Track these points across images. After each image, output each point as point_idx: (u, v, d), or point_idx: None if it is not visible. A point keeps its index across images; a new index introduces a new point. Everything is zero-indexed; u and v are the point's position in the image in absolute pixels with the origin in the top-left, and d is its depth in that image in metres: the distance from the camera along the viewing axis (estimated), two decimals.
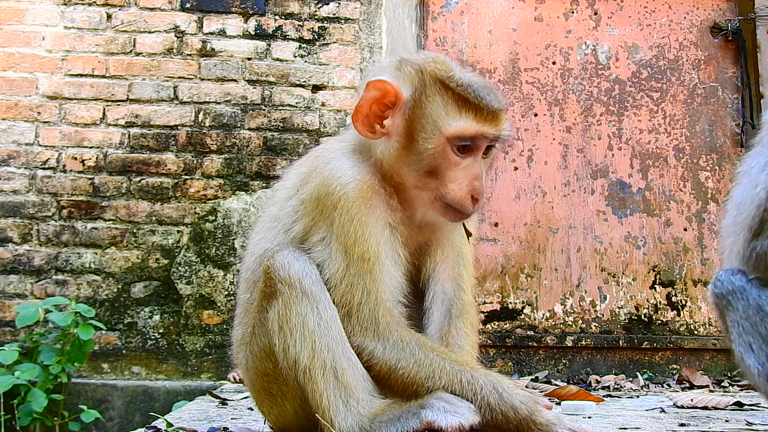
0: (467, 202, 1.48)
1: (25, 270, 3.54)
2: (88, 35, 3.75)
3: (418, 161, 1.48)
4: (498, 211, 4.12)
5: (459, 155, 1.47)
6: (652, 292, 4.05)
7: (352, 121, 1.53)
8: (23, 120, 3.66)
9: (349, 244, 1.46)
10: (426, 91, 1.48)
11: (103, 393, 3.41)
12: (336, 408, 1.41)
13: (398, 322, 1.47)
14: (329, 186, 1.49)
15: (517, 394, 1.41)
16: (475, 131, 1.46)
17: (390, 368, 1.43)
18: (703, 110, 4.23)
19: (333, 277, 1.46)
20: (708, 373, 3.79)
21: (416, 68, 1.50)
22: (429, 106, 1.47)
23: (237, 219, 3.62)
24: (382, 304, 1.46)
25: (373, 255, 1.46)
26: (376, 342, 1.44)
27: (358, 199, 1.47)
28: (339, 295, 1.46)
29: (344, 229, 1.46)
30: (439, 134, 1.45)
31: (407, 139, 1.48)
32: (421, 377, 1.42)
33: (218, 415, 2.37)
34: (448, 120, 1.45)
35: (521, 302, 4.04)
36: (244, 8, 3.80)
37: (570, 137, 4.20)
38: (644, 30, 4.31)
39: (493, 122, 1.48)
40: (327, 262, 1.47)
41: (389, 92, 1.49)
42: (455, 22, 4.32)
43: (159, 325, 3.54)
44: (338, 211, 1.47)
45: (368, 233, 1.46)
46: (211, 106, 3.72)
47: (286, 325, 1.44)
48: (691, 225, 4.11)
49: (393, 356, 1.43)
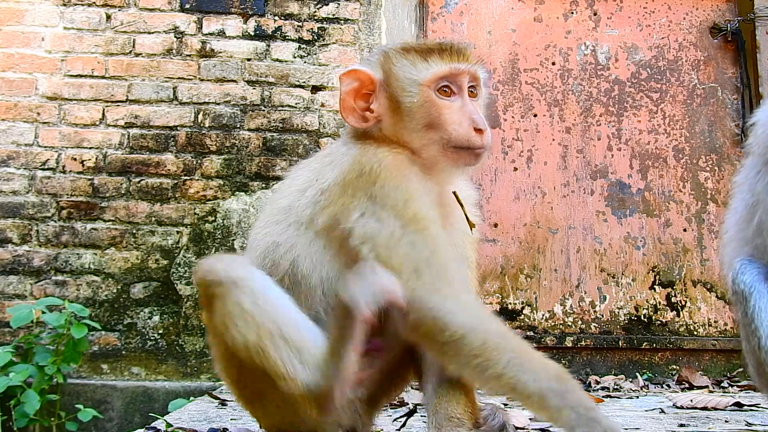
0: (472, 135, 1.52)
1: (25, 271, 3.54)
2: (87, 36, 3.75)
3: (412, 120, 1.54)
4: (497, 212, 4.11)
5: (445, 98, 1.53)
6: (652, 293, 4.05)
7: (343, 118, 1.58)
8: (23, 120, 3.66)
9: (400, 207, 1.41)
10: (392, 62, 1.57)
11: (103, 393, 3.41)
12: (294, 369, 1.36)
13: (468, 288, 1.44)
14: (363, 165, 1.47)
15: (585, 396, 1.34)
16: (447, 69, 1.53)
17: (466, 333, 1.33)
18: (702, 111, 4.23)
19: (390, 239, 1.39)
20: (707, 374, 3.79)
21: (380, 52, 1.62)
22: (400, 71, 1.55)
23: (236, 220, 3.62)
24: (450, 263, 1.41)
25: (425, 216, 1.43)
26: (454, 302, 1.36)
27: (399, 167, 1.47)
28: (401, 255, 1.38)
29: (390, 196, 1.42)
30: (417, 86, 1.53)
31: (395, 108, 1.55)
32: (496, 352, 1.31)
33: (218, 416, 2.37)
34: (420, 71, 1.54)
35: (521, 303, 4.04)
36: (243, 9, 3.80)
37: (569, 138, 4.21)
38: (644, 30, 4.31)
39: (462, 58, 1.55)
40: (377, 229, 1.41)
41: (363, 79, 1.58)
42: (455, 23, 4.32)
43: (158, 326, 3.53)
44: (380, 183, 1.44)
45: (416, 196, 1.44)
46: (210, 106, 3.72)
47: (228, 319, 1.40)
48: (690, 225, 4.11)
49: (472, 319, 1.34)
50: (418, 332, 1.37)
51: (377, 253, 1.39)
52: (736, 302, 1.82)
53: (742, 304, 1.78)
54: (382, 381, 1.61)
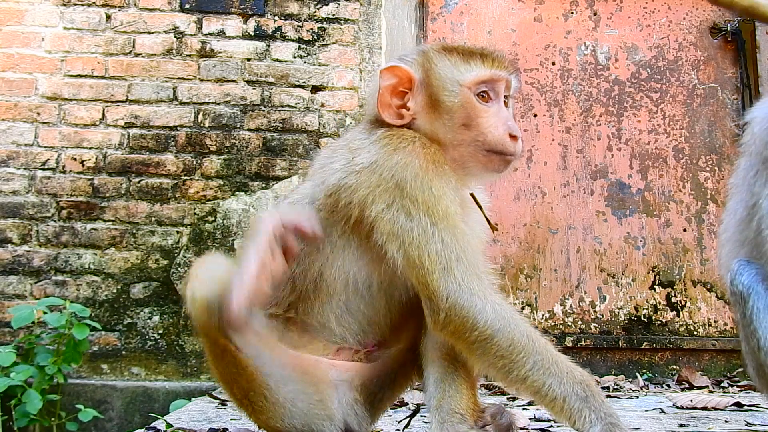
0: (507, 140, 1.54)
1: (25, 271, 3.54)
2: (87, 36, 3.75)
3: (450, 119, 1.55)
4: (497, 212, 4.11)
5: (483, 103, 1.55)
6: (652, 293, 4.05)
7: (379, 113, 1.57)
8: (23, 121, 3.66)
9: (432, 203, 1.41)
10: (433, 62, 1.58)
11: (103, 394, 3.41)
12: (196, 288, 1.38)
13: (496, 287, 1.44)
14: (395, 153, 1.48)
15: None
16: (489, 75, 1.56)
17: (495, 333, 1.35)
18: (702, 111, 4.23)
19: (422, 237, 1.39)
20: (707, 374, 3.79)
21: (418, 52, 1.63)
22: (442, 71, 1.57)
23: (236, 220, 3.62)
24: (480, 261, 1.43)
25: (455, 213, 1.44)
26: (485, 300, 1.37)
27: (433, 162, 1.48)
28: (434, 252, 1.38)
29: (423, 191, 1.42)
30: (459, 87, 1.55)
31: (433, 107, 1.56)
32: (523, 354, 1.34)
33: (217, 416, 2.37)
34: (462, 72, 1.56)
35: (521, 303, 4.04)
36: (243, 9, 3.80)
37: (569, 138, 4.21)
38: (643, 31, 4.32)
39: (501, 66, 1.58)
40: (407, 227, 1.40)
41: (402, 76, 1.58)
42: (455, 23, 4.32)
43: (158, 326, 3.53)
44: (411, 175, 1.43)
45: (448, 192, 1.45)
46: (210, 106, 3.72)
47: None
48: (690, 225, 4.11)
49: (502, 319, 1.36)
50: (448, 329, 1.39)
51: (406, 251, 1.40)
52: (735, 303, 1.81)
53: (740, 305, 1.78)
54: (383, 381, 1.61)
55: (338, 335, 1.54)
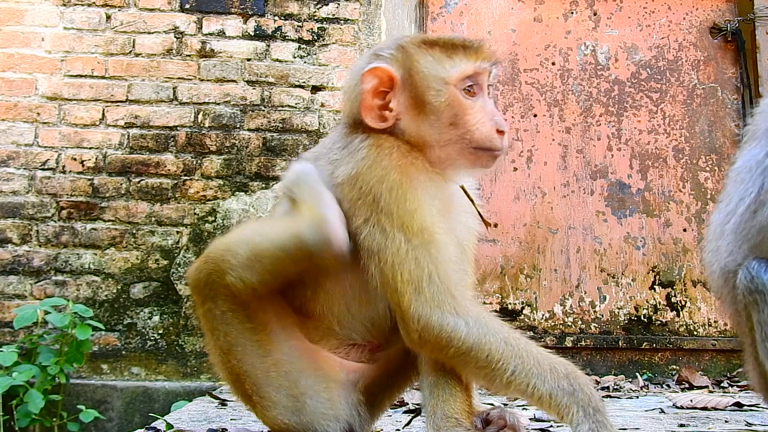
0: (494, 136, 1.51)
1: (25, 271, 3.54)
2: (87, 36, 3.75)
3: (437, 119, 1.50)
4: (497, 212, 4.11)
5: (469, 98, 1.51)
6: (652, 293, 4.05)
7: (362, 118, 1.52)
8: (22, 121, 3.66)
9: (406, 219, 1.40)
10: (414, 58, 1.52)
11: (103, 394, 3.41)
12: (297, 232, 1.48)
13: (471, 298, 1.43)
14: (371, 165, 1.46)
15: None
16: (474, 68, 1.51)
17: (471, 347, 1.35)
18: (702, 111, 4.23)
19: (396, 256, 1.38)
20: (707, 374, 3.79)
21: (396, 47, 1.55)
22: (425, 68, 1.51)
23: (236, 220, 3.62)
24: (453, 275, 1.41)
25: (430, 227, 1.42)
26: (457, 317, 1.36)
27: (407, 173, 1.45)
28: (407, 272, 1.37)
29: (396, 204, 1.41)
30: (444, 85, 1.50)
31: (417, 106, 1.51)
32: (502, 362, 1.34)
33: (218, 416, 2.37)
34: (447, 69, 1.50)
35: (521, 303, 4.04)
36: (243, 9, 3.80)
37: (569, 138, 4.21)
38: (643, 31, 4.31)
39: (485, 57, 1.53)
40: (382, 244, 1.40)
41: (383, 76, 1.51)
42: (455, 23, 4.32)
43: (158, 326, 3.53)
44: (387, 187, 1.42)
45: (424, 205, 1.43)
46: (210, 106, 3.72)
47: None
48: (690, 226, 4.11)
49: (476, 333, 1.35)
50: (425, 348, 1.41)
51: (382, 269, 1.39)
52: (753, 302, 1.70)
53: (764, 304, 1.70)
54: (384, 381, 1.61)
55: (343, 335, 1.55)
